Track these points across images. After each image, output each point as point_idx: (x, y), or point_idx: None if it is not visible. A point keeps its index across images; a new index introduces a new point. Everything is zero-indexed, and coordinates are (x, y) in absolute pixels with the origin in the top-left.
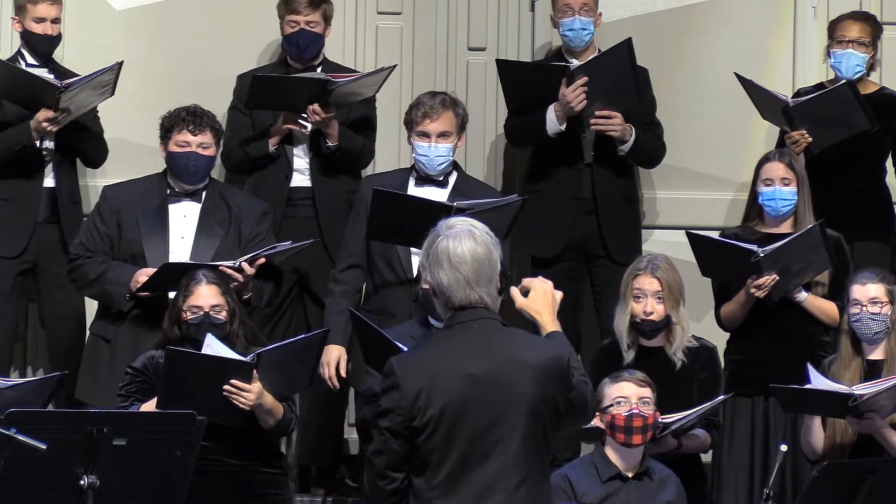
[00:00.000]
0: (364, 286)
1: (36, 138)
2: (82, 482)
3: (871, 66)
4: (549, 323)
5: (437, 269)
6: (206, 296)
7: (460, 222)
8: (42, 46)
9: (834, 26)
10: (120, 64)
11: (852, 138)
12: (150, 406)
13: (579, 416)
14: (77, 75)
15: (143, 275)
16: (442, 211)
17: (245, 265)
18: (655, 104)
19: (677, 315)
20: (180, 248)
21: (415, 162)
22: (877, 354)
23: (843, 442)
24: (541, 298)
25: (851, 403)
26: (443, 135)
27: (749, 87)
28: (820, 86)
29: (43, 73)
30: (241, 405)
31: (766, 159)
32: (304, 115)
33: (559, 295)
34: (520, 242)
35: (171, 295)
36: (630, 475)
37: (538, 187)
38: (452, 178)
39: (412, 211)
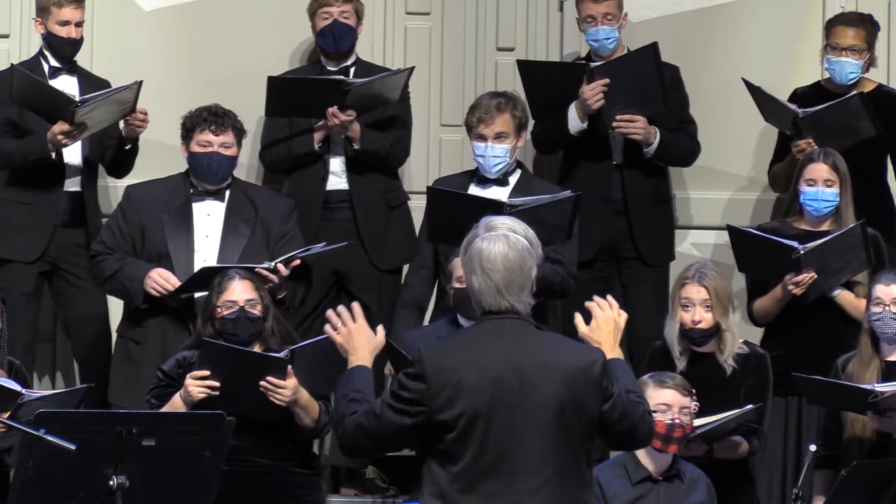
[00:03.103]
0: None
1: (52, 150)
2: (111, 483)
3: (868, 67)
4: (609, 351)
5: (471, 272)
6: (239, 291)
7: (500, 224)
8: (65, 50)
9: (829, 30)
10: (139, 83)
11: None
12: (172, 407)
13: (625, 439)
14: (103, 79)
15: (156, 273)
16: (496, 209)
17: (280, 266)
18: (688, 102)
19: (727, 322)
20: (205, 247)
21: (476, 163)
22: None
23: (861, 439)
24: (603, 327)
25: (872, 399)
26: (499, 136)
27: (756, 93)
28: (817, 84)
29: (65, 77)
30: (277, 402)
31: (809, 159)
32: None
33: (624, 318)
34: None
35: (196, 295)
36: (660, 477)
37: (568, 189)
38: (514, 178)
39: (468, 210)
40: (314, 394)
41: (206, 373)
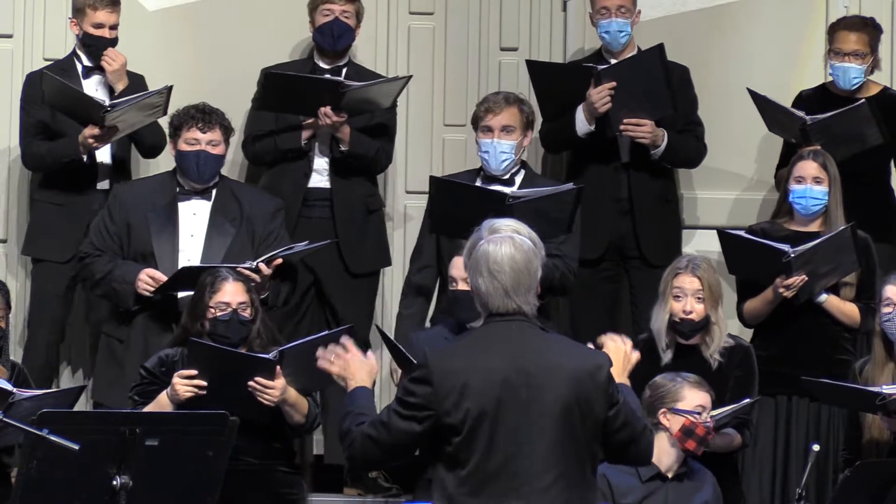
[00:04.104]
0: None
1: (83, 152)
2: (115, 482)
3: (872, 69)
4: (617, 377)
5: (477, 275)
6: (233, 293)
7: (504, 226)
8: (99, 51)
9: (832, 34)
10: (170, 88)
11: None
12: (157, 406)
13: (625, 449)
14: (139, 74)
15: (146, 274)
16: (499, 200)
17: (262, 266)
18: (697, 103)
19: (716, 315)
20: (190, 246)
21: (480, 161)
22: None
23: (879, 442)
24: (612, 354)
25: (879, 402)
26: (506, 129)
27: (762, 102)
28: (822, 87)
29: (98, 76)
30: (266, 402)
31: (799, 157)
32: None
33: (636, 356)
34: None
35: (180, 295)
36: (670, 475)
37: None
38: (519, 177)
39: (471, 202)
40: (304, 393)
41: (194, 372)
